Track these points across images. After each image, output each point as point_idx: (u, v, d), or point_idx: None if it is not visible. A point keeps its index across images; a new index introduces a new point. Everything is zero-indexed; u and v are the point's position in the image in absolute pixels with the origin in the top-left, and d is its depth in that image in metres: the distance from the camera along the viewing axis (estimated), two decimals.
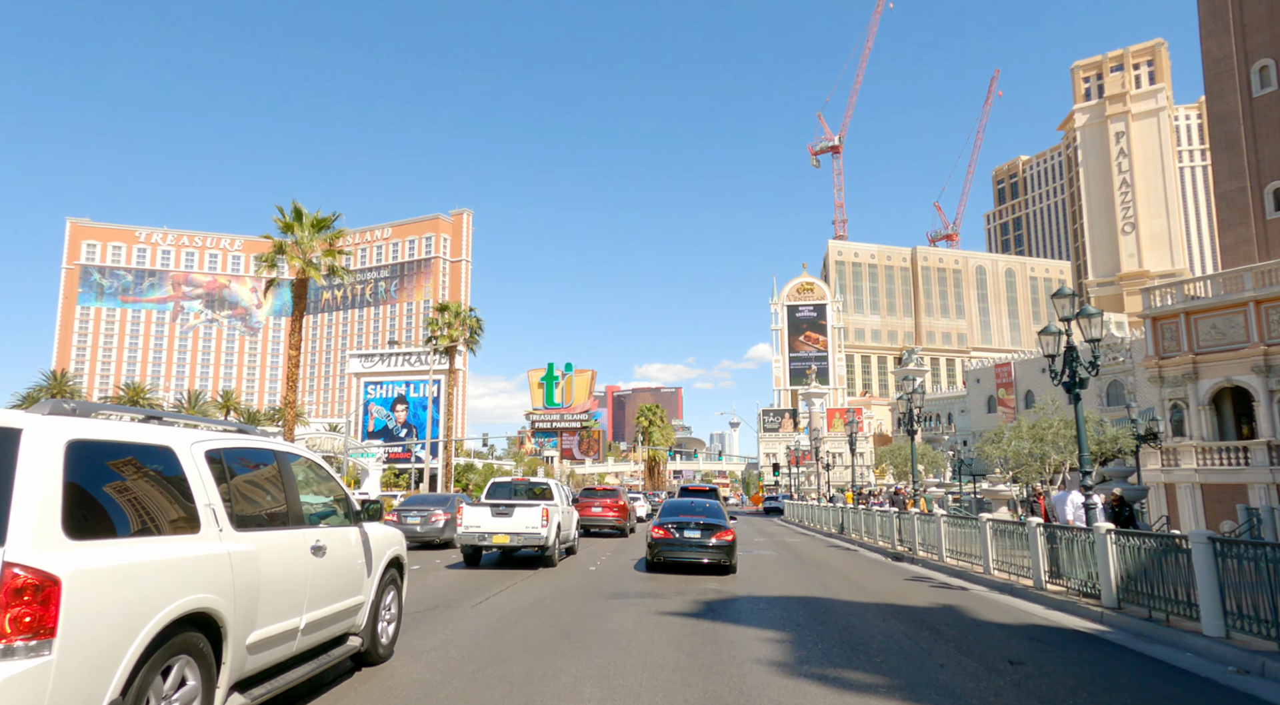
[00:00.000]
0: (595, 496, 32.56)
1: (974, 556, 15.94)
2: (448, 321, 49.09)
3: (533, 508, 18.75)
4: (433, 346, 49.20)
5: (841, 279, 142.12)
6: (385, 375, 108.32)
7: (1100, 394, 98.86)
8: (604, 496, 32.46)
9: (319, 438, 70.20)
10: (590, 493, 33.01)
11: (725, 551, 16.04)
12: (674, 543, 16.35)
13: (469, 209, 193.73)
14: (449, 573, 16.61)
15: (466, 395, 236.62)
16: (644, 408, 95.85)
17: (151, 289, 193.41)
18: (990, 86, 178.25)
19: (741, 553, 20.68)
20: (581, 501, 32.41)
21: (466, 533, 18.45)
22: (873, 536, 24.52)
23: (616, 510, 31.73)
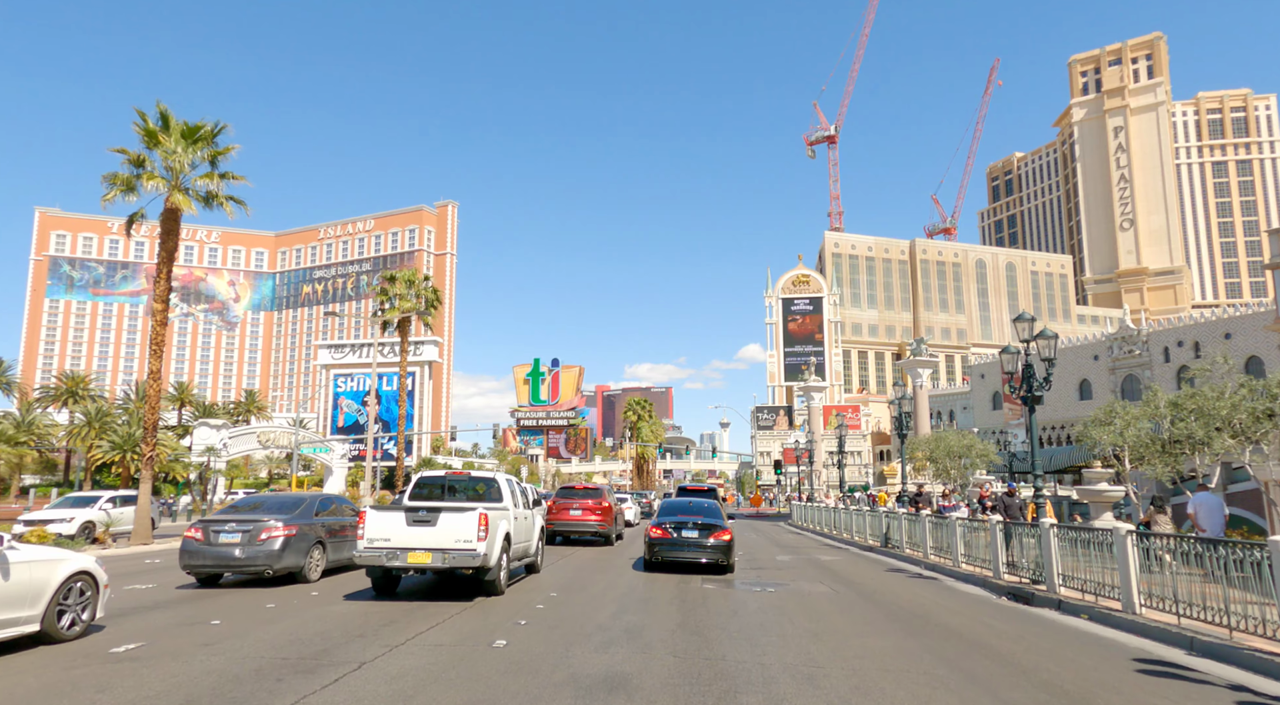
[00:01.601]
0: (574, 497, 25.61)
1: (1216, 610, 8.79)
2: (398, 291, 41.82)
3: (465, 514, 12.77)
4: (382, 318, 41.92)
5: (838, 272, 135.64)
6: (357, 367, 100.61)
7: (1114, 390, 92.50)
8: (585, 497, 25.50)
9: (273, 431, 62.63)
10: (568, 492, 26.00)
11: (723, 551, 15.71)
12: (672, 542, 15.91)
13: (454, 200, 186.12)
14: (343, 607, 11.54)
15: (451, 393, 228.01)
16: (632, 401, 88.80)
17: (124, 282, 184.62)
18: (990, 75, 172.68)
19: (772, 585, 14.31)
20: (558, 502, 25.65)
21: (369, 549, 12.31)
22: (948, 556, 17.32)
23: (600, 513, 24.82)
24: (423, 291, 42.41)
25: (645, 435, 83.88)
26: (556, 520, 25.11)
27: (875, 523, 23.85)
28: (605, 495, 25.89)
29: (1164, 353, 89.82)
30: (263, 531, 13.29)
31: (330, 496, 15.25)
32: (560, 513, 25.15)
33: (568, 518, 25.00)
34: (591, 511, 24.94)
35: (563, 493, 26.00)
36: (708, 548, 15.76)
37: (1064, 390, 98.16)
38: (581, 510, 25.05)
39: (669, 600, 11.58)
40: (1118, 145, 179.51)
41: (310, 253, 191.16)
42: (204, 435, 57.84)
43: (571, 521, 24.95)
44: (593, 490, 25.93)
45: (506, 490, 15.73)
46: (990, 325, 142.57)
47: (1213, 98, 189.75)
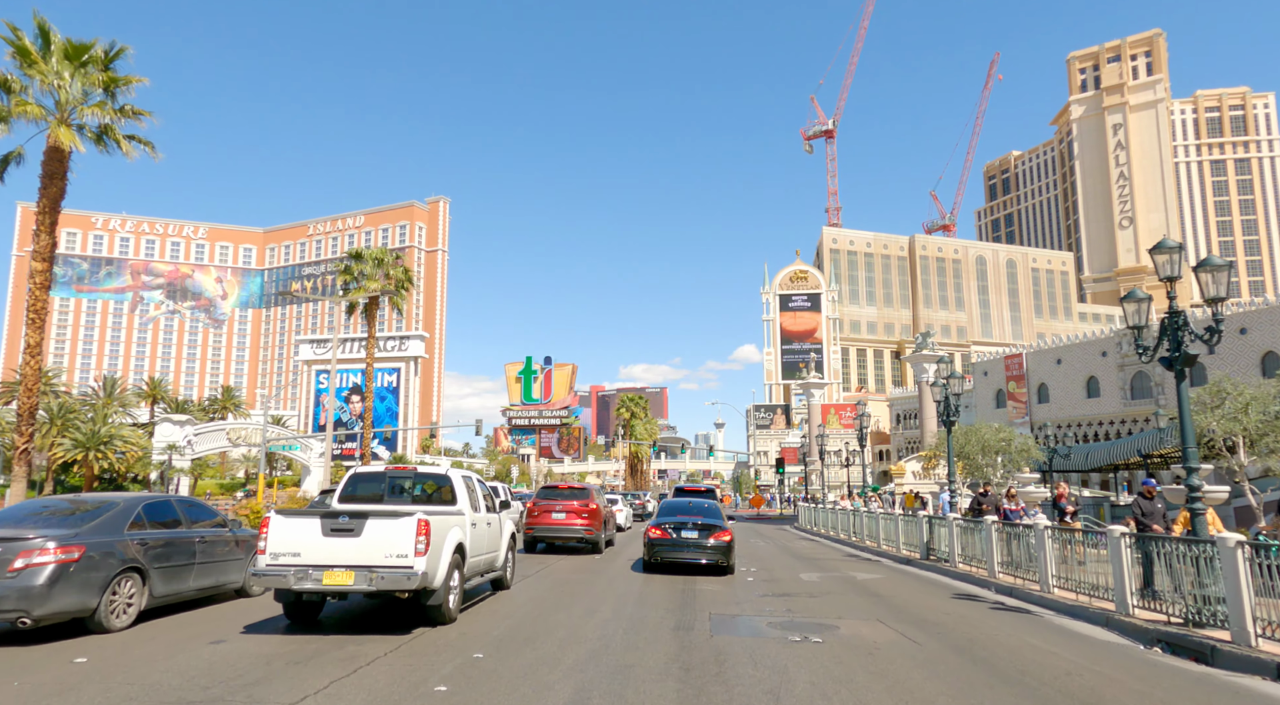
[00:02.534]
0: (557, 498, 21.68)
1: None
2: (365, 271, 37.62)
3: (399, 520, 9.40)
4: (346, 300, 37.73)
5: (837, 268, 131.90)
6: (339, 363, 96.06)
7: (1124, 387, 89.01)
8: (569, 498, 21.57)
9: (246, 428, 58.36)
10: (551, 492, 22.04)
11: (723, 552, 15.42)
12: (672, 543, 15.53)
13: (446, 196, 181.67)
14: (225, 649, 8.07)
15: (445, 393, 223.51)
16: (625, 398, 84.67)
17: (109, 278, 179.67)
18: (990, 70, 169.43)
19: (813, 627, 10.12)
20: (538, 504, 21.73)
21: (271, 568, 8.99)
22: (1027, 576, 13.24)
23: (586, 516, 20.92)
24: (393, 272, 38.31)
25: (639, 433, 79.79)
26: (536, 525, 21.15)
27: (912, 529, 19.81)
28: (593, 496, 21.89)
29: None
30: (17, 556, 8.15)
31: (167, 499, 10.58)
32: (540, 516, 21.19)
33: (549, 522, 21.04)
34: (577, 514, 20.97)
35: (544, 493, 22.00)
36: (708, 548, 15.41)
37: (1070, 388, 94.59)
38: (565, 513, 21.07)
39: (664, 664, 7.46)
40: (1117, 143, 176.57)
41: (299, 249, 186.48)
42: (167, 432, 53.54)
43: (554, 526, 21.01)
44: (578, 490, 21.92)
45: (462, 490, 11.79)
46: (991, 323, 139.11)
47: (1211, 96, 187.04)
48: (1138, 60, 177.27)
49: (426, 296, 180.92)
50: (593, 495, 21.69)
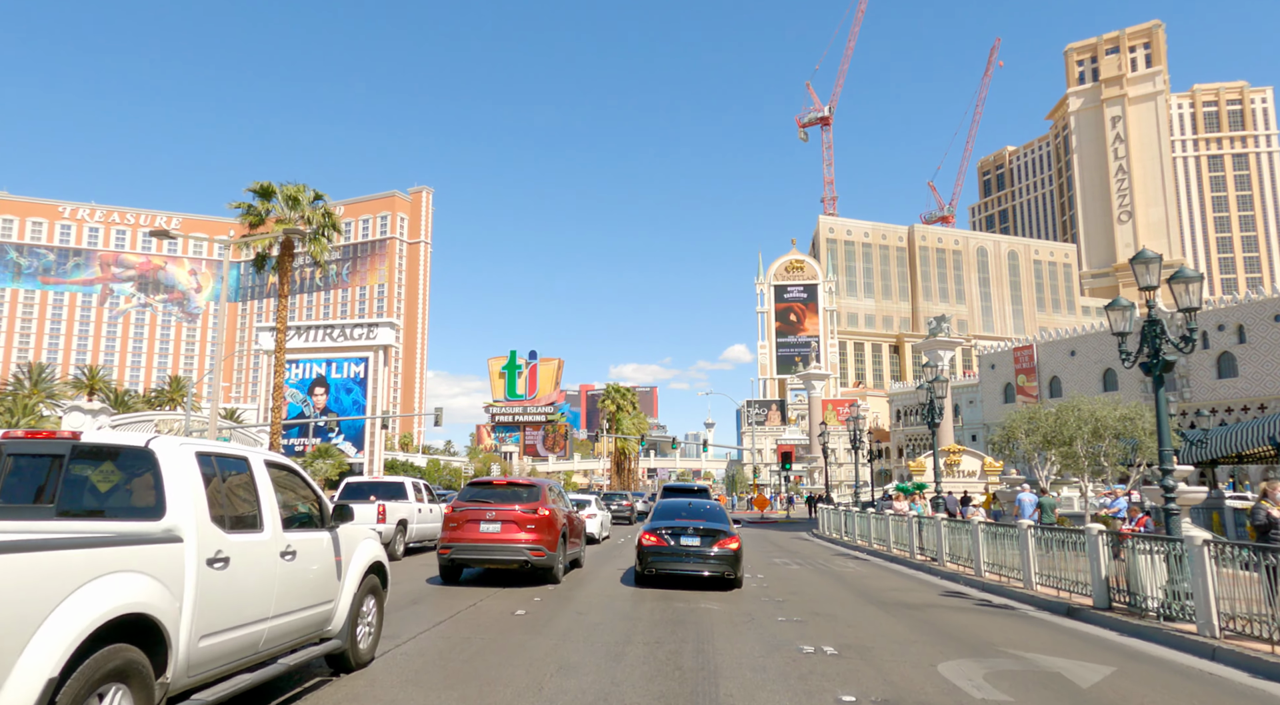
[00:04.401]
0: (489, 499, 14.13)
1: None
2: (271, 209, 29.70)
3: None
4: (243, 246, 29.87)
5: (834, 258, 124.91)
6: (303, 352, 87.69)
7: (1144, 379, 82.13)
8: (507, 499, 14.12)
9: (180, 421, 50.30)
10: (480, 491, 14.63)
11: (729, 562, 12.83)
12: (668, 552, 12.98)
13: (429, 187, 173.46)
14: None
15: (435, 392, 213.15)
16: (611, 389, 77.01)
17: (76, 269, 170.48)
18: (990, 56, 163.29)
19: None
20: (460, 510, 13.93)
21: None
22: None
23: (533, 528, 13.71)
24: (310, 213, 30.46)
25: (626, 427, 72.24)
26: (456, 540, 13.53)
27: (1097, 553, 11.80)
28: (545, 496, 14.14)
29: (1201, 338, 79.73)
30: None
31: None
32: (462, 527, 13.53)
33: (475, 536, 13.43)
34: (518, 525, 13.36)
35: (471, 492, 14.22)
36: (711, 559, 12.85)
37: (1086, 381, 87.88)
38: (501, 523, 13.40)
39: None
40: (1115, 135, 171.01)
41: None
42: (75, 423, 45.50)
43: (482, 542, 13.38)
44: (522, 489, 14.14)
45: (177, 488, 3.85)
46: (992, 316, 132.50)
47: (1209, 90, 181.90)
48: (1136, 52, 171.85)
49: (409, 289, 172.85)
50: (544, 496, 13.97)
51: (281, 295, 31.39)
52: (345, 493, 17.30)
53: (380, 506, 15.54)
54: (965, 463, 54.47)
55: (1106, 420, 23.04)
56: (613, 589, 12.88)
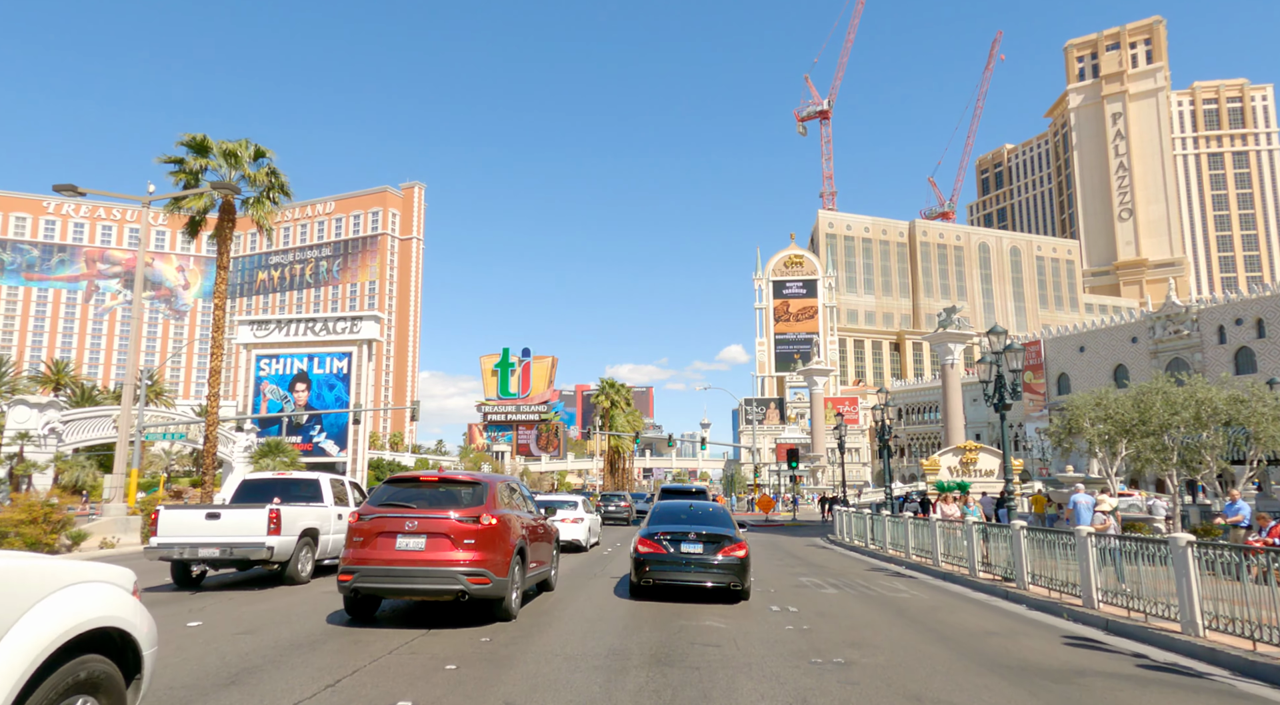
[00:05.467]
0: (408, 505, 9.59)
1: None
2: (207, 166, 25.16)
3: None
4: (177, 211, 25.42)
5: (833, 254, 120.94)
6: (283, 347, 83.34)
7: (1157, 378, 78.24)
8: (435, 504, 9.59)
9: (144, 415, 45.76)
10: (401, 491, 9.94)
11: (736, 571, 11.32)
12: (668, 560, 11.45)
13: (421, 182, 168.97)
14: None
15: (429, 392, 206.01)
16: (605, 384, 72.75)
17: (61, 266, 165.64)
18: (992, 49, 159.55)
19: None
20: (369, 519, 9.39)
21: None
22: None
23: (472, 542, 9.14)
24: (252, 171, 25.93)
25: (620, 424, 68.02)
26: (362, 563, 9.25)
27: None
28: (495, 499, 9.86)
29: (1218, 333, 75.85)
30: None
31: None
32: (371, 543, 9.31)
33: (389, 556, 9.22)
34: (450, 541, 9.20)
35: (389, 493, 9.88)
36: (714, 568, 11.30)
37: (1096, 378, 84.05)
38: (426, 538, 9.19)
39: None
40: (1116, 132, 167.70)
41: (267, 237, 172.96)
42: (21, 417, 41.13)
43: (398, 564, 9.15)
44: (459, 488, 9.81)
45: None
46: (994, 313, 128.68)
47: (1209, 88, 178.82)
48: (1137, 48, 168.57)
49: (400, 286, 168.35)
50: (492, 497, 9.72)
51: (221, 267, 27.04)
52: (241, 494, 13.08)
53: (272, 512, 11.33)
54: (983, 461, 50.29)
55: (1212, 403, 18.80)
56: (589, 633, 8.71)
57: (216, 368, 26.93)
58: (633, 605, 10.79)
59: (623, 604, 10.87)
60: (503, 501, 10.29)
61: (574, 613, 10.22)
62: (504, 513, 10.01)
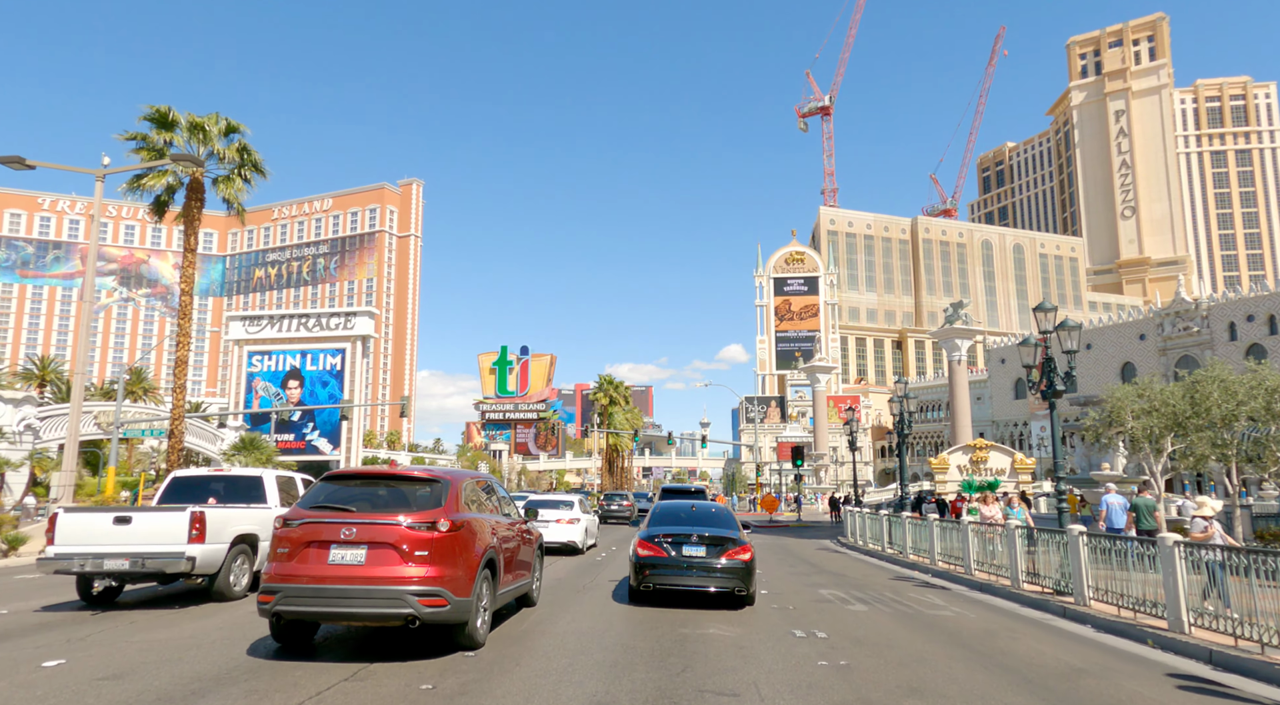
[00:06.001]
0: (346, 508, 7.68)
1: None
2: (172, 141, 22.87)
3: None
4: (140, 191, 23.20)
5: (834, 251, 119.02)
6: (275, 343, 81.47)
7: (1166, 374, 76.37)
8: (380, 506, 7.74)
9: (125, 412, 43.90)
10: (341, 489, 8.04)
11: (741, 576, 10.71)
12: (669, 564, 10.85)
13: (419, 179, 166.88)
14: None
15: (429, 392, 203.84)
16: (604, 380, 70.70)
17: (56, 263, 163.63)
18: (995, 45, 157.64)
19: None
20: (293, 527, 7.51)
21: None
22: None
23: (425, 554, 7.42)
24: (221, 147, 23.66)
25: (619, 422, 65.99)
26: (287, 580, 7.23)
27: None
28: (456, 500, 7.93)
29: (1229, 329, 73.98)
30: None
31: None
32: (299, 555, 7.34)
33: (320, 572, 7.20)
34: (397, 553, 7.28)
35: (326, 492, 7.91)
36: (718, 572, 10.70)
37: (1103, 375, 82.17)
38: (366, 549, 7.29)
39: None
40: (1119, 129, 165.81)
41: (264, 234, 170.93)
42: None
43: (331, 582, 7.15)
44: (412, 486, 7.89)
45: None
46: (997, 311, 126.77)
47: (1211, 85, 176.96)
48: (1140, 45, 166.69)
49: (398, 284, 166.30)
50: (453, 498, 7.77)
51: (188, 249, 25.02)
52: (169, 493, 11.15)
53: (195, 515, 9.41)
54: (993, 459, 48.48)
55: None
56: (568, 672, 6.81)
57: (183, 358, 24.97)
58: (626, 628, 8.91)
59: (614, 627, 8.98)
60: (468, 502, 8.38)
61: (555, 640, 8.32)
62: (469, 517, 8.10)
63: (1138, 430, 20.45)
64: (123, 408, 52.33)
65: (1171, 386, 20.94)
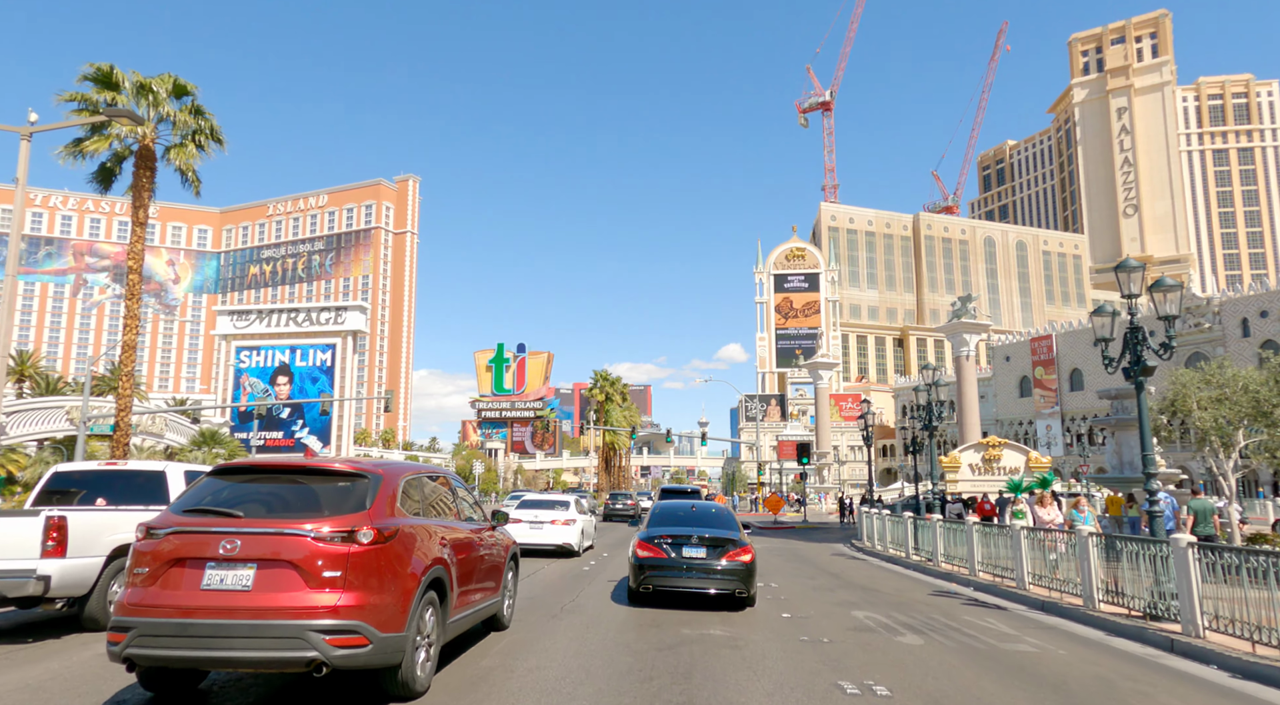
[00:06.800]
0: (231, 513, 5.61)
1: None
2: (119, 102, 20.46)
3: None
4: (80, 153, 20.83)
5: (836, 247, 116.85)
6: (264, 338, 79.22)
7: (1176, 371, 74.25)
8: (279, 511, 5.57)
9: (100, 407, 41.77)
10: (232, 489, 5.79)
11: (741, 578, 10.53)
12: (668, 565, 10.72)
13: (415, 175, 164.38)
14: None
15: (426, 391, 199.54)
16: (600, 377, 68.38)
17: (48, 259, 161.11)
18: (997, 40, 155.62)
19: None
20: (157, 539, 5.33)
21: None
22: None
23: (338, 576, 5.32)
24: (171, 110, 21.18)
25: (615, 419, 63.70)
26: (147, 612, 5.07)
27: None
28: (390, 503, 5.72)
29: (1241, 325, 71.83)
30: None
31: None
32: (162, 577, 5.17)
33: (190, 603, 5.04)
34: (299, 574, 5.16)
35: (212, 490, 5.63)
36: (718, 574, 10.53)
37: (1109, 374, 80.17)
38: (255, 569, 5.08)
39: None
40: (1121, 127, 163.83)
41: (258, 230, 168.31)
42: None
43: (203, 616, 4.97)
44: (321, 482, 5.72)
45: None
46: (1000, 309, 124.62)
47: (1214, 83, 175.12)
48: (1143, 42, 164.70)
49: (394, 281, 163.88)
50: (386, 498, 5.49)
51: (138, 222, 22.81)
52: (48, 491, 8.86)
53: (52, 522, 7.12)
54: (1007, 458, 46.32)
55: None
56: None
57: (130, 342, 22.75)
58: (609, 673, 6.60)
59: (594, 673, 6.68)
60: (409, 504, 6.17)
61: (523, 681, 6.08)
62: (406, 523, 5.88)
63: (1205, 421, 18.24)
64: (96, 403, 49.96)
65: (1249, 371, 18.76)
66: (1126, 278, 11.03)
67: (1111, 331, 11.85)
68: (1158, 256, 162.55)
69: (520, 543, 19.49)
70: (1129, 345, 11.22)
